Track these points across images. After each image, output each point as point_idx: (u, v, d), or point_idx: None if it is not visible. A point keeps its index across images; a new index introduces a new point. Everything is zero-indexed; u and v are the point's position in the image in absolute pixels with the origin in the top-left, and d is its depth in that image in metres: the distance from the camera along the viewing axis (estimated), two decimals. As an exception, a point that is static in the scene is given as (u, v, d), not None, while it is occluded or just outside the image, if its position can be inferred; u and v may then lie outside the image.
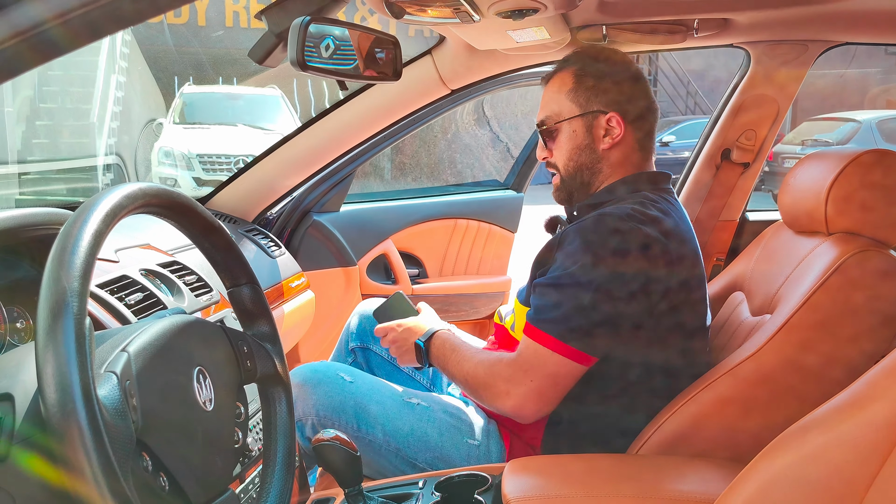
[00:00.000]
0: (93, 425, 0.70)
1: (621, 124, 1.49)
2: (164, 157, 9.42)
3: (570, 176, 1.54)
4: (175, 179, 9.13)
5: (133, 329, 0.89)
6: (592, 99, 1.50)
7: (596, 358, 1.40)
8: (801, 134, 11.53)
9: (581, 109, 1.51)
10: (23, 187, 6.24)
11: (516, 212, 2.96)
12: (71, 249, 0.76)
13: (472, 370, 1.46)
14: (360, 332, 1.91)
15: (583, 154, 1.52)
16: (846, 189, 1.41)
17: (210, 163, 9.28)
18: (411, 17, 1.27)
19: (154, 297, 1.38)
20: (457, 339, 1.57)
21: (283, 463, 1.07)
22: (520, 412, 1.41)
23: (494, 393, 1.42)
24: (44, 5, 0.76)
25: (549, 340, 1.37)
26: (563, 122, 1.52)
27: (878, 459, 0.88)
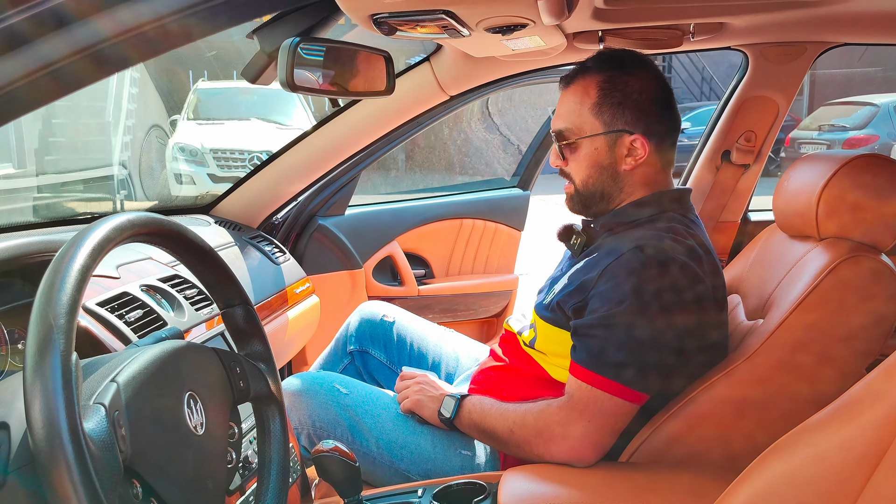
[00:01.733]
0: (80, 460, 0.72)
1: (646, 146, 1.44)
2: (179, 152, 9.47)
3: (588, 191, 1.49)
4: (190, 176, 9.19)
5: (124, 357, 0.91)
6: (618, 117, 1.43)
7: (648, 395, 1.38)
8: (818, 119, 11.42)
9: (605, 127, 1.44)
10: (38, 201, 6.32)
11: (523, 210, 2.97)
12: (58, 286, 0.78)
13: (519, 419, 1.42)
14: (359, 335, 1.91)
15: (603, 173, 1.47)
16: (837, 194, 1.40)
17: (224, 158, 9.32)
18: (403, 34, 1.28)
19: (154, 313, 1.40)
20: (491, 398, 1.52)
21: (277, 481, 1.09)
22: (578, 454, 1.37)
23: (549, 437, 1.38)
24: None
25: (604, 382, 1.34)
26: (585, 138, 1.45)
27: (868, 466, 0.89)
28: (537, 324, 1.52)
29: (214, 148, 9.33)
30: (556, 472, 1.38)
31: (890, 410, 0.88)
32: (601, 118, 1.44)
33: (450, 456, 1.55)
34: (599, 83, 1.44)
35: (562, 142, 1.49)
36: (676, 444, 1.41)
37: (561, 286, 1.47)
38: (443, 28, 1.24)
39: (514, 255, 2.99)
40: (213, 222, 2.12)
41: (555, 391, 1.46)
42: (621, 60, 1.47)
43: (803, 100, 15.02)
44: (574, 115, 1.46)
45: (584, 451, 1.36)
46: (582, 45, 1.77)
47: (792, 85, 2.05)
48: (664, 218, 1.44)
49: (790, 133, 11.35)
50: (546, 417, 1.38)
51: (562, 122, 1.48)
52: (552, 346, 1.49)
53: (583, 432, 1.35)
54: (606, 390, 1.34)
